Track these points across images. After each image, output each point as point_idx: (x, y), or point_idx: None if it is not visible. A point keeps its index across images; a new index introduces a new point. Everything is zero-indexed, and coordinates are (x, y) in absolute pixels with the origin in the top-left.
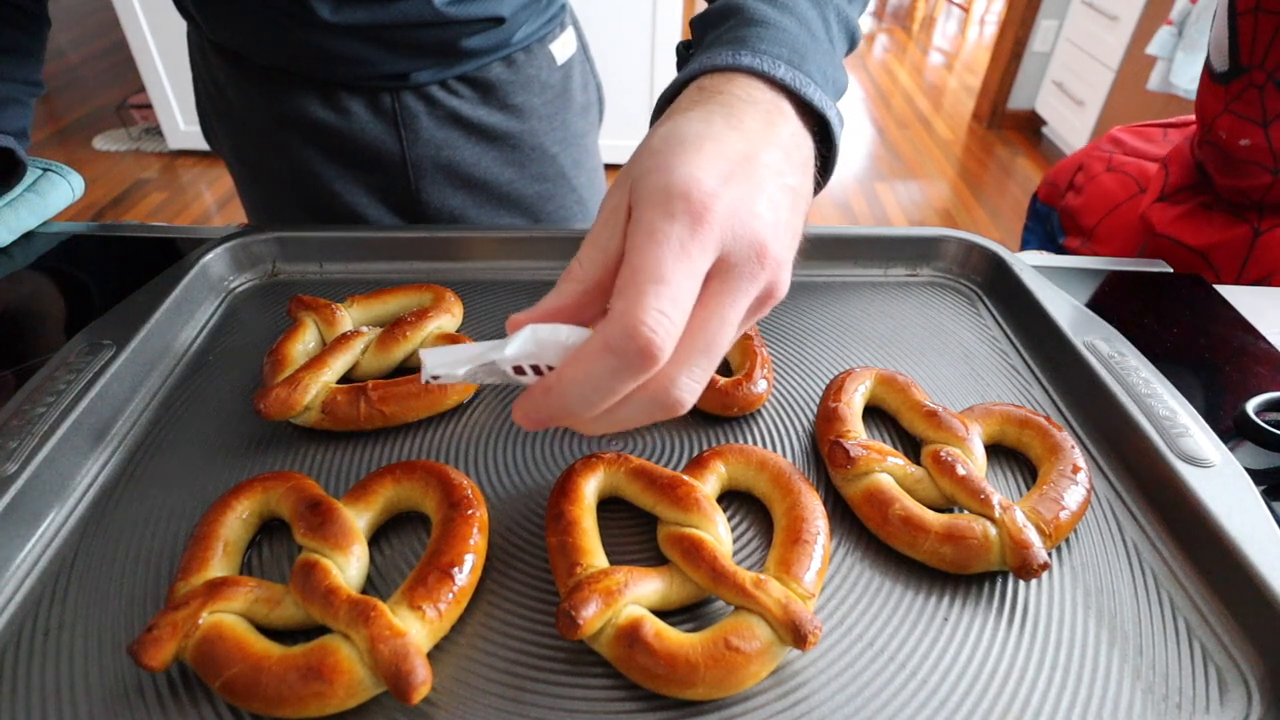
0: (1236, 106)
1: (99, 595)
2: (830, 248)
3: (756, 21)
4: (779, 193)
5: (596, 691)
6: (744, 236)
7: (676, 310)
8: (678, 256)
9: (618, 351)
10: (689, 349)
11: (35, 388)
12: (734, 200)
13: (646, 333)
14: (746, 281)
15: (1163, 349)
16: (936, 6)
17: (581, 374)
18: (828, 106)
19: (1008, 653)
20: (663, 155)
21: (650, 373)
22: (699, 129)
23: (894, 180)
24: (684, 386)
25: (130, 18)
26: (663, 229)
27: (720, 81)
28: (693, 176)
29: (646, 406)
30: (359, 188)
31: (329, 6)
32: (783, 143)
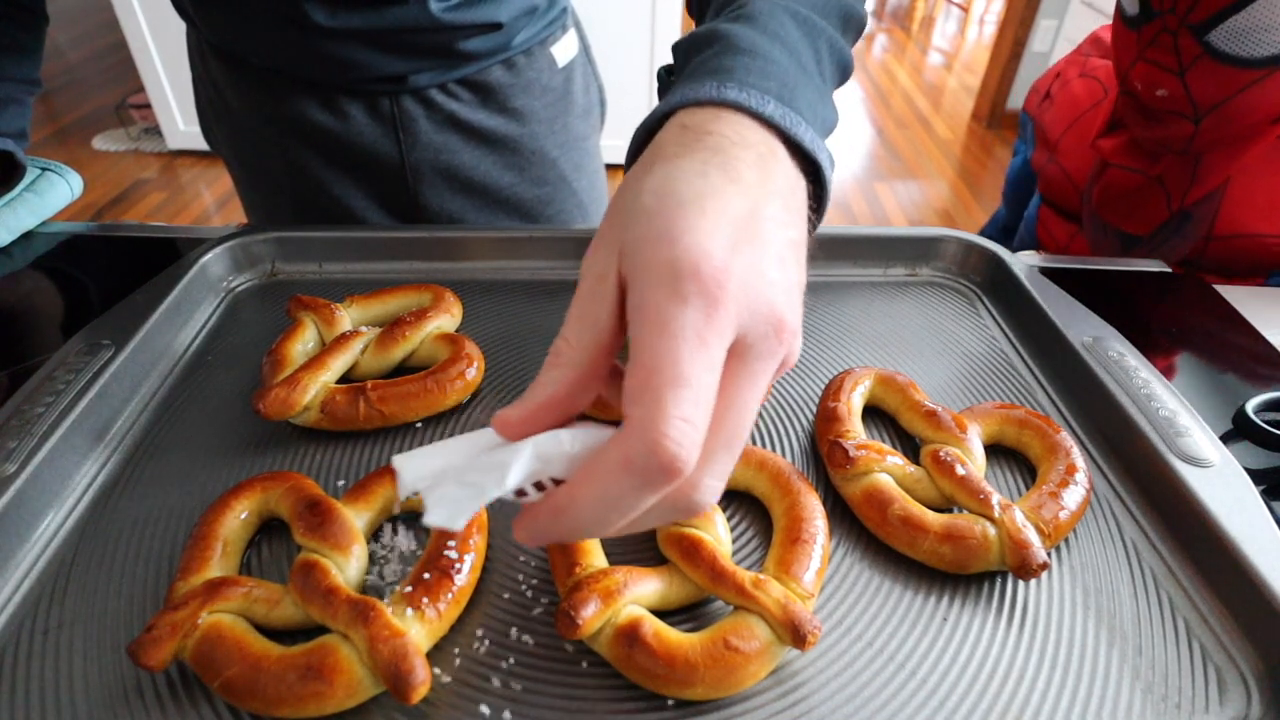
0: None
1: (98, 595)
2: (830, 248)
3: (743, 50)
4: (786, 249)
5: (596, 691)
6: (760, 311)
7: (700, 413)
8: (695, 349)
9: (639, 470)
10: (712, 448)
11: (34, 388)
12: (746, 270)
13: (671, 447)
14: (767, 361)
15: (1163, 349)
16: (936, 6)
17: (598, 494)
18: (820, 149)
19: (1007, 652)
20: (661, 220)
21: (675, 484)
22: (697, 186)
23: (893, 180)
24: (707, 489)
25: (129, 18)
26: (675, 318)
27: (706, 119)
28: (700, 248)
29: (666, 514)
30: (358, 191)
31: (324, 11)
32: (780, 191)
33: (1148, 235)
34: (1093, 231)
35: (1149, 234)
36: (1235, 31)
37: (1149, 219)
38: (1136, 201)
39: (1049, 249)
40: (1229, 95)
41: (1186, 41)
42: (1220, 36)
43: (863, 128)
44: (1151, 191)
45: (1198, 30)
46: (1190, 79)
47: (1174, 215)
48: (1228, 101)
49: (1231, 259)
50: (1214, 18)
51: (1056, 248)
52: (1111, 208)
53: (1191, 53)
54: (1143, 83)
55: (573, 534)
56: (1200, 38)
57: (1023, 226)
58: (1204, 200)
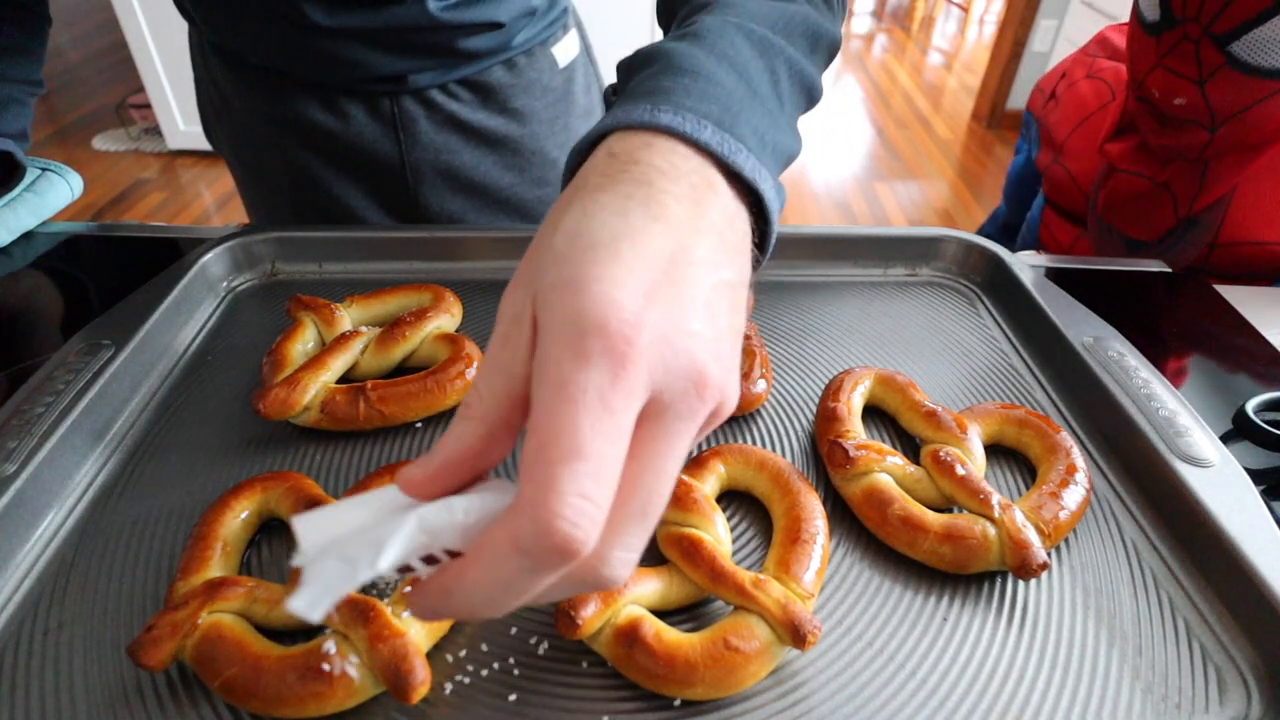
0: (1170, 62)
1: (98, 595)
2: (830, 248)
3: (684, 70)
4: (715, 294)
5: (596, 691)
6: (679, 367)
7: (600, 488)
8: (597, 416)
9: (529, 552)
10: (621, 519)
11: (34, 388)
12: (662, 322)
13: (565, 527)
14: (686, 421)
15: (1162, 349)
16: (936, 6)
17: (488, 576)
18: (761, 178)
19: (1007, 652)
20: (570, 265)
21: (573, 565)
22: (614, 225)
23: (893, 180)
24: (617, 562)
25: (130, 17)
26: (576, 380)
27: (635, 146)
28: (608, 299)
29: (571, 588)
30: (358, 191)
31: (322, 10)
32: (714, 227)
33: (1154, 241)
34: (1098, 235)
35: (1155, 240)
36: (1259, 42)
37: (1155, 225)
38: (1143, 207)
39: (1052, 251)
40: (1248, 105)
41: (1209, 51)
42: (1243, 47)
43: (863, 128)
44: (1159, 197)
45: (1220, 40)
46: (1210, 89)
47: (1181, 222)
48: (1246, 111)
49: (1236, 266)
50: (1238, 28)
51: (1059, 250)
52: (1118, 212)
53: (1213, 63)
54: (1160, 90)
55: (464, 614)
56: (1223, 48)
57: (1025, 228)
58: (1211, 208)
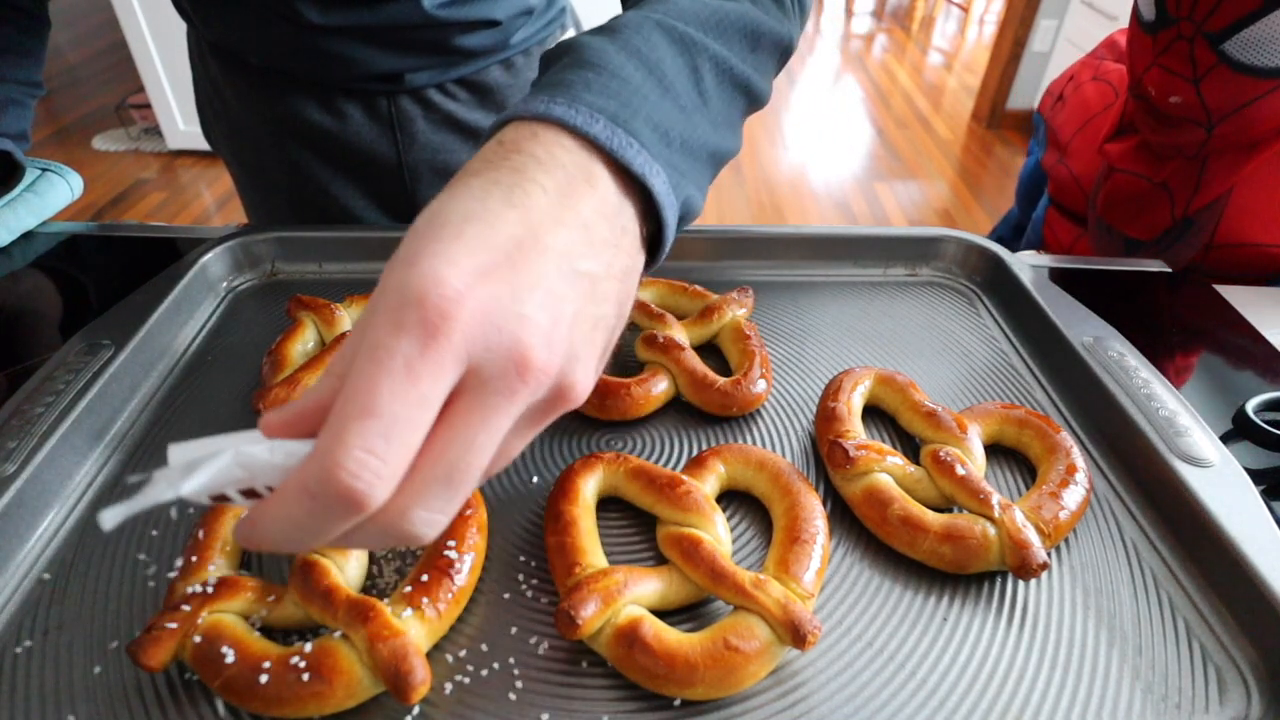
0: (1165, 60)
1: (99, 595)
2: (830, 248)
3: (589, 64)
4: (563, 282)
5: (596, 691)
6: (499, 346)
7: (390, 448)
8: (399, 381)
9: (316, 497)
10: (425, 480)
11: (34, 388)
12: (489, 301)
13: (346, 479)
14: (501, 398)
15: (1162, 349)
16: (936, 6)
17: (283, 514)
18: (652, 174)
19: (1007, 652)
20: (415, 241)
21: (362, 515)
22: (468, 207)
23: (893, 180)
24: (418, 519)
25: (129, 18)
26: (386, 345)
27: (523, 136)
28: (435, 274)
29: (378, 538)
30: (356, 191)
31: (317, 9)
32: (581, 219)
33: (1151, 241)
34: (1097, 235)
35: (1152, 240)
36: (1251, 41)
37: (1153, 224)
38: (1141, 206)
39: (1054, 249)
40: (1242, 104)
41: (1202, 50)
42: (1236, 46)
43: (863, 128)
44: (1156, 197)
45: (1214, 39)
46: (1204, 87)
47: (1177, 222)
48: (1241, 110)
49: (1232, 267)
50: (1230, 27)
51: (1061, 249)
52: (1116, 212)
53: (1206, 61)
54: (1156, 88)
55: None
56: (1216, 46)
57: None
58: (1207, 208)
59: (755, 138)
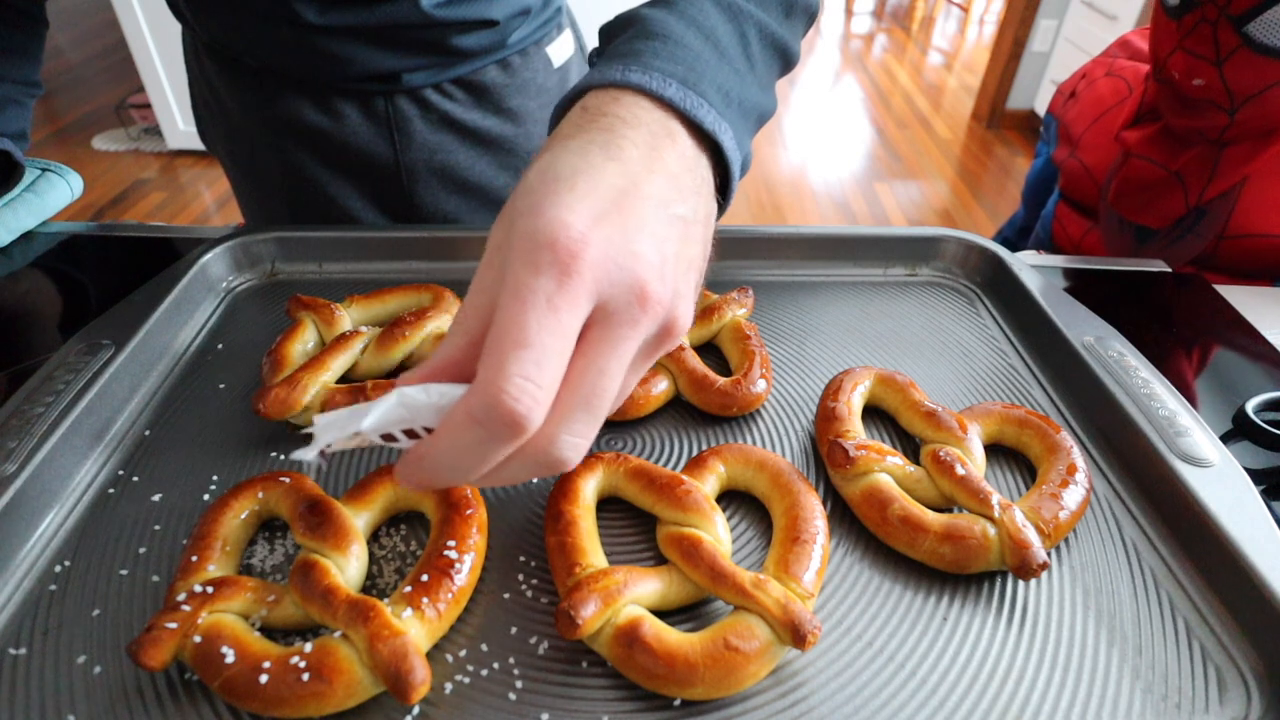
0: (1189, 44)
1: (99, 595)
2: (830, 248)
3: (655, 35)
4: (663, 225)
5: (596, 691)
6: (622, 281)
7: (543, 373)
8: (543, 315)
9: (483, 423)
10: (568, 405)
11: (34, 388)
12: (608, 242)
13: (509, 402)
14: (627, 329)
15: (1162, 349)
16: (936, 6)
17: (449, 444)
18: (722, 131)
19: (1007, 652)
20: (535, 195)
21: (523, 439)
22: (574, 163)
23: (893, 180)
24: (565, 444)
25: (129, 18)
26: (528, 284)
27: (606, 101)
28: (560, 220)
29: (529, 466)
30: (353, 191)
31: (314, 9)
32: (668, 169)
33: (1164, 230)
34: (1108, 226)
35: (1165, 228)
36: (1273, 23)
37: (1165, 213)
38: (1154, 195)
39: (1062, 244)
40: (1265, 87)
41: (1225, 33)
42: (1259, 28)
43: (863, 128)
44: (1169, 186)
45: (1237, 21)
46: (1228, 70)
47: (1191, 211)
48: (1263, 93)
49: (1243, 259)
50: (1254, 9)
51: (1070, 244)
52: (1129, 201)
53: (1230, 44)
54: (1180, 72)
55: (435, 479)
56: (1239, 29)
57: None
58: (1220, 198)
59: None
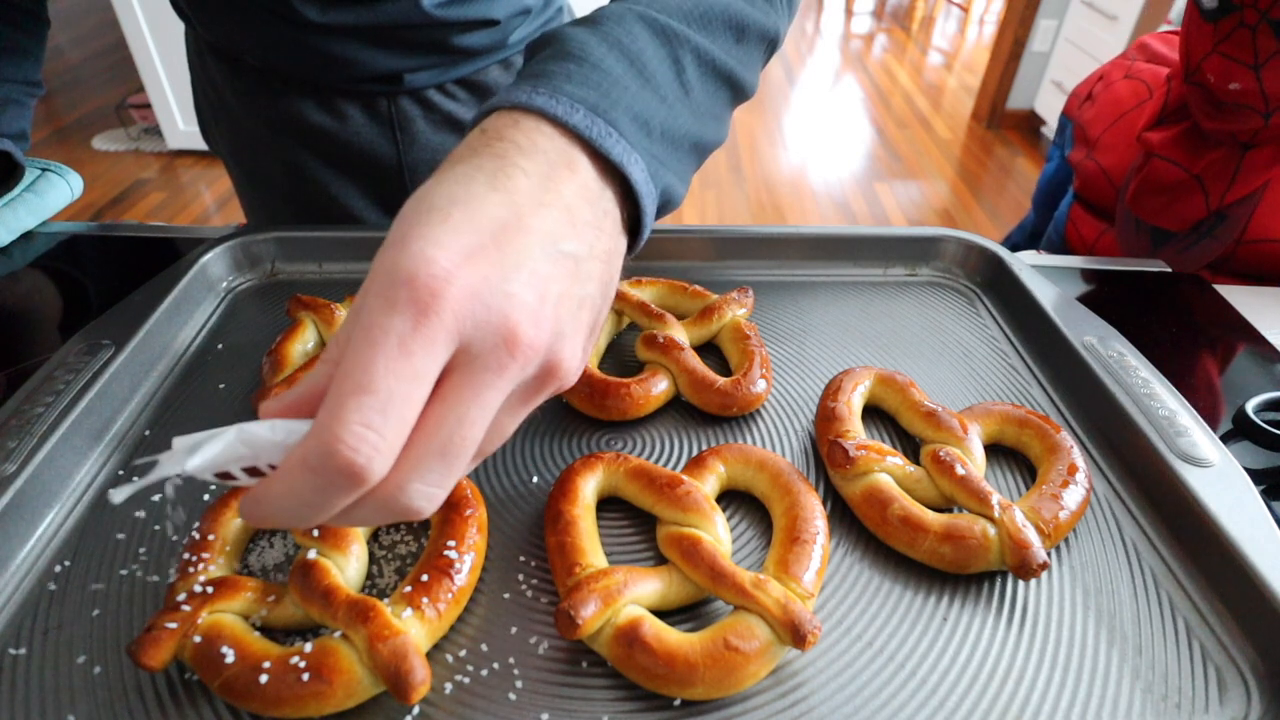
0: (1226, 47)
1: (99, 595)
2: (830, 248)
3: (571, 55)
4: (548, 263)
5: (596, 691)
6: (489, 323)
7: (388, 422)
8: (392, 358)
9: (317, 471)
10: (421, 452)
11: (34, 388)
12: (477, 281)
13: (346, 452)
14: (491, 374)
15: (1162, 349)
16: (936, 6)
17: (284, 490)
18: (631, 162)
19: (1007, 652)
20: (404, 224)
21: (363, 489)
22: (453, 191)
23: (893, 180)
24: (416, 493)
25: (129, 18)
26: (380, 324)
27: (505, 124)
28: (424, 256)
29: (379, 513)
30: (356, 191)
31: (316, 8)
32: (563, 201)
33: (1181, 233)
34: (1124, 228)
35: (1183, 232)
36: None
37: (1184, 216)
38: (1173, 198)
39: (1076, 247)
40: None
41: (1265, 38)
42: None
43: (863, 128)
44: (1190, 189)
45: (1277, 26)
46: (1266, 74)
47: (1211, 215)
48: None
49: (1260, 263)
50: None
51: (1084, 246)
52: (1147, 203)
53: (1269, 49)
54: (1216, 75)
55: (275, 522)
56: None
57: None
58: (1240, 202)
59: (755, 138)
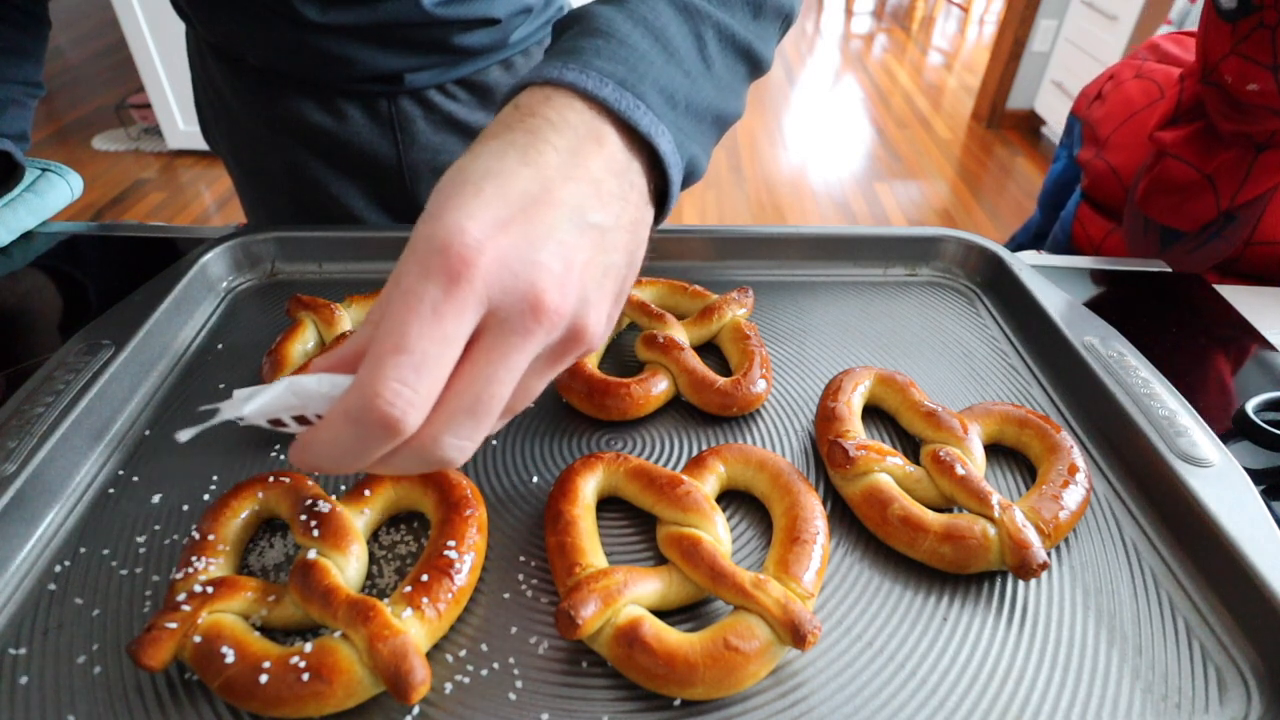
0: (1244, 48)
1: (99, 595)
2: (830, 248)
3: (599, 32)
4: (574, 233)
5: (596, 691)
6: (515, 289)
7: (422, 379)
8: (426, 321)
9: (358, 422)
10: (452, 409)
11: (34, 388)
12: (506, 250)
13: (383, 405)
14: (518, 337)
15: (1162, 349)
16: (936, 6)
17: (329, 437)
18: (659, 134)
19: (1007, 652)
20: (441, 197)
21: (399, 439)
22: (487, 165)
23: (893, 180)
24: (448, 445)
25: (129, 18)
26: (416, 289)
27: (538, 100)
28: (457, 226)
29: (415, 462)
30: (356, 191)
31: (316, 7)
32: (591, 175)
33: (1191, 233)
34: (1132, 228)
35: (1192, 232)
36: None
37: (1195, 216)
38: (1184, 197)
39: (1083, 246)
40: None
41: None
42: None
43: (863, 128)
44: (1201, 189)
45: None
46: None
47: (1221, 215)
48: None
49: (1267, 266)
50: None
51: (1091, 245)
52: (1158, 201)
53: None
54: (1234, 76)
55: (320, 466)
56: None
57: (1057, 226)
58: (1251, 204)
59: (755, 138)
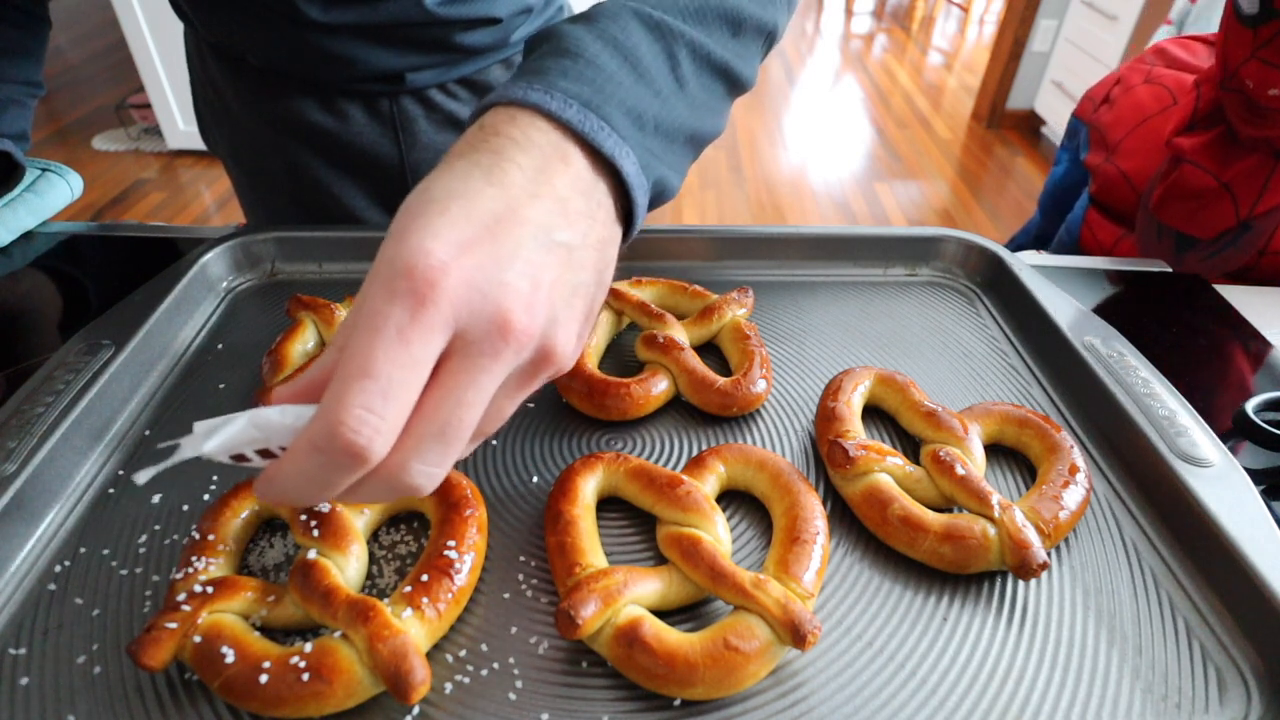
0: (1266, 53)
1: (99, 595)
2: (830, 248)
3: (567, 52)
4: (541, 252)
5: (596, 691)
6: (483, 311)
7: (388, 405)
8: (392, 345)
9: (323, 451)
10: (419, 435)
11: (34, 388)
12: (472, 271)
13: (347, 434)
14: (487, 359)
15: (1162, 349)
16: (936, 6)
17: (294, 470)
18: (622, 155)
19: (1007, 652)
20: (406, 218)
21: (365, 468)
22: (451, 186)
23: (893, 180)
24: (417, 472)
25: (129, 18)
26: (380, 312)
27: (502, 120)
28: (421, 248)
29: (383, 490)
30: (357, 191)
31: (318, 7)
32: (557, 193)
33: (1207, 240)
34: (1145, 234)
35: (1207, 239)
36: None
37: (1211, 223)
38: (1201, 204)
39: (1092, 251)
40: None
41: None
42: None
43: (863, 128)
44: (1218, 196)
45: None
46: None
47: (1238, 224)
48: None
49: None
50: None
51: (1100, 250)
52: (1173, 208)
53: None
54: (1255, 81)
55: (287, 499)
56: None
57: (1064, 230)
58: (1269, 213)
59: (755, 138)
